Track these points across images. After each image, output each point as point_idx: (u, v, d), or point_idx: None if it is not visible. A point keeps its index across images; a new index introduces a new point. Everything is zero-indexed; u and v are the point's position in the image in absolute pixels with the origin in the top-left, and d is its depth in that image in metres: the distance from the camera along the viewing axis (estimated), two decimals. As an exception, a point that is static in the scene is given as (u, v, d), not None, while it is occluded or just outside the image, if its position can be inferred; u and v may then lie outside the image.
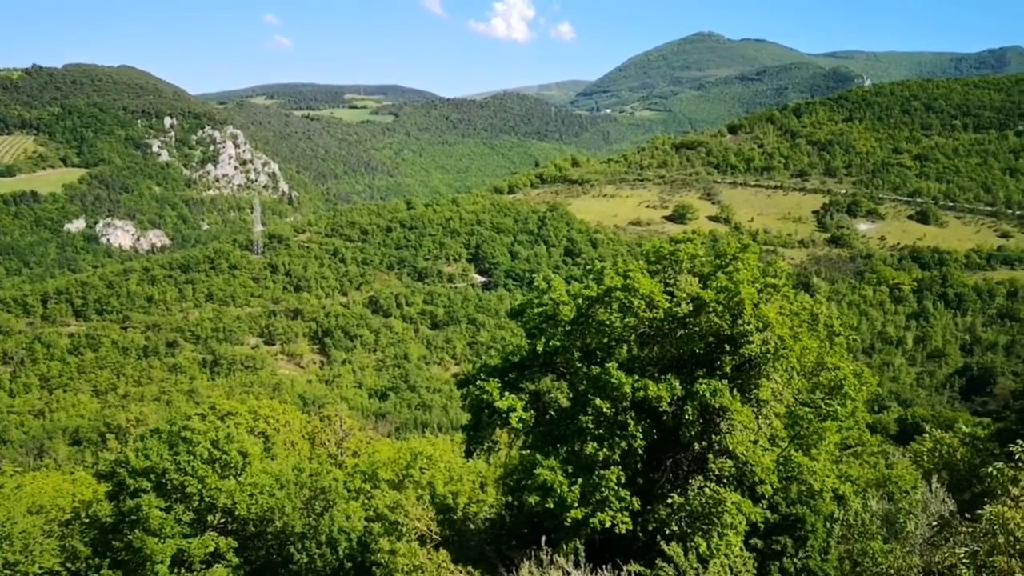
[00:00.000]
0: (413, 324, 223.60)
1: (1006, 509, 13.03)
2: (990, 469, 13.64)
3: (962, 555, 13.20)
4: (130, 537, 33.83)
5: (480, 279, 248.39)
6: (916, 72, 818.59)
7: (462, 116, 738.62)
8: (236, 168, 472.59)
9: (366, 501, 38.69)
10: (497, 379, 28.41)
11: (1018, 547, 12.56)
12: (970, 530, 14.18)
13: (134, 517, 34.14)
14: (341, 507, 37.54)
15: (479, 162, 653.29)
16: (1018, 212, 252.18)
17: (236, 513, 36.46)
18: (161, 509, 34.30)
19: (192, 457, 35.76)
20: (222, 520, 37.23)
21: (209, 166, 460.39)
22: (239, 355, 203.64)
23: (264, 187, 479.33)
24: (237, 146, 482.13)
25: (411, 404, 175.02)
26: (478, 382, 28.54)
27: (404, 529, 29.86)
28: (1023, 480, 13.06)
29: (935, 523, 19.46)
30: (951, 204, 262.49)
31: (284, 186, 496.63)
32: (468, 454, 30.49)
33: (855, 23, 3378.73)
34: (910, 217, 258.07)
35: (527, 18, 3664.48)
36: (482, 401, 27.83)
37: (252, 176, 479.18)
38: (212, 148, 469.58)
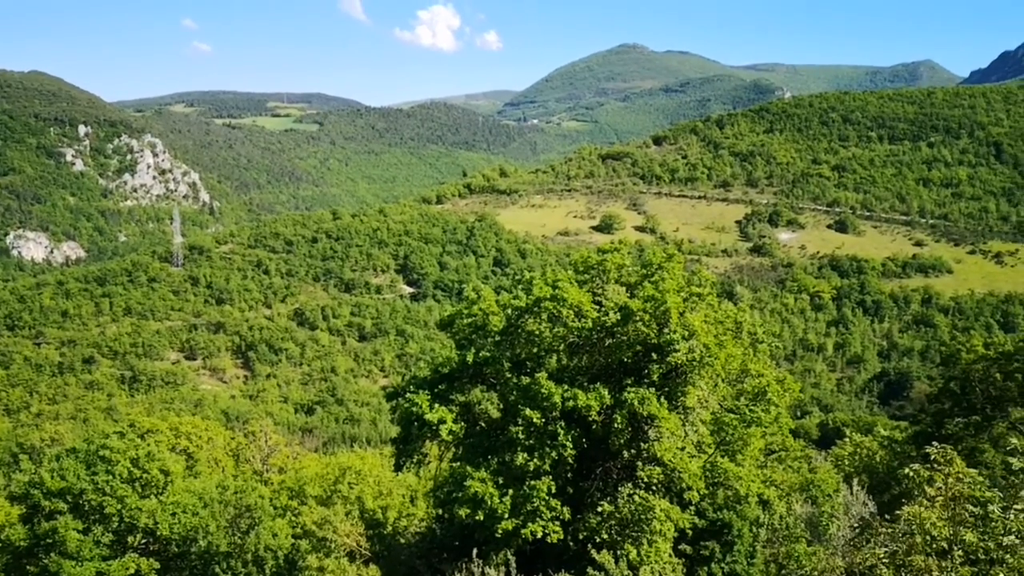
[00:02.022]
0: (340, 336, 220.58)
1: (923, 509, 13.43)
2: (907, 471, 14.05)
3: (882, 555, 13.55)
4: (46, 561, 32.48)
5: (409, 290, 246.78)
6: (834, 85, 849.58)
7: (389, 125, 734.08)
8: (155, 178, 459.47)
9: (293, 518, 37.85)
10: (427, 391, 28.17)
11: (934, 546, 12.94)
12: (889, 531, 14.57)
13: (50, 540, 32.84)
14: (267, 525, 36.61)
15: (406, 172, 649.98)
16: (931, 221, 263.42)
17: (158, 533, 35.32)
18: (79, 531, 33.06)
19: (111, 477, 34.53)
20: (143, 541, 36.02)
21: (126, 176, 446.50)
22: (159, 371, 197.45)
23: (184, 197, 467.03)
24: (156, 155, 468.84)
25: (339, 418, 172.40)
26: (407, 394, 28.28)
27: (332, 545, 29.33)
28: (938, 481, 13.47)
29: (856, 525, 20.00)
30: (868, 213, 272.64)
31: (205, 196, 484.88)
32: (398, 468, 30.16)
33: (776, 37, 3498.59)
34: (829, 226, 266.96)
35: (453, 27, 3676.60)
36: (411, 414, 27.55)
37: (171, 186, 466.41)
38: (129, 157, 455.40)
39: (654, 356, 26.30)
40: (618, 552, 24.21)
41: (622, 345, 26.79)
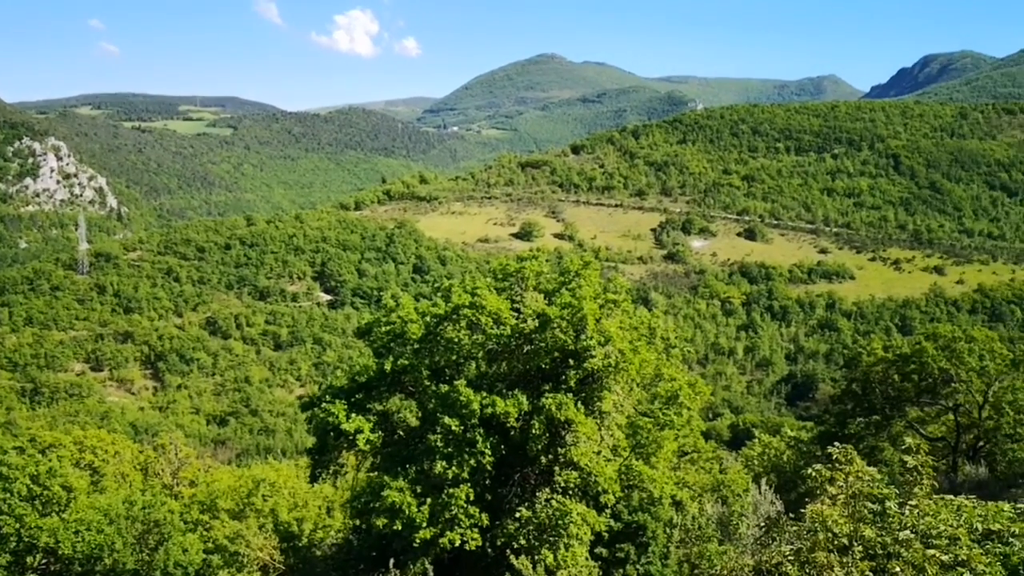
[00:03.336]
0: (255, 345, 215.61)
1: (825, 507, 13.93)
2: (810, 471, 14.61)
3: (787, 553, 14.02)
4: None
5: (326, 297, 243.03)
6: (744, 97, 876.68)
7: (306, 130, 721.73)
8: (58, 182, 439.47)
9: (204, 533, 36.78)
10: (343, 400, 27.81)
11: (836, 542, 13.47)
12: (795, 528, 15.08)
13: (-61, 565, 31.00)
14: (177, 540, 35.47)
15: (324, 177, 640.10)
16: (835, 229, 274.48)
17: (60, 553, 33.75)
18: (-28, 554, 31.30)
19: (8, 494, 32.89)
20: (44, 561, 34.39)
21: (28, 180, 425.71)
22: (63, 382, 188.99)
23: (90, 203, 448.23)
24: (60, 159, 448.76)
25: (253, 429, 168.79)
26: (323, 404, 27.85)
27: (245, 560, 28.66)
28: (839, 480, 14.04)
29: (763, 523, 20.65)
30: (776, 222, 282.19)
31: (112, 201, 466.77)
32: (313, 479, 29.68)
33: (689, 50, 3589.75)
34: (739, 234, 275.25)
35: (371, 33, 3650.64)
36: (327, 424, 27.16)
37: (77, 191, 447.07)
38: (31, 161, 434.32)
39: (571, 362, 26.61)
40: (535, 557, 24.39)
41: (540, 352, 27.03)
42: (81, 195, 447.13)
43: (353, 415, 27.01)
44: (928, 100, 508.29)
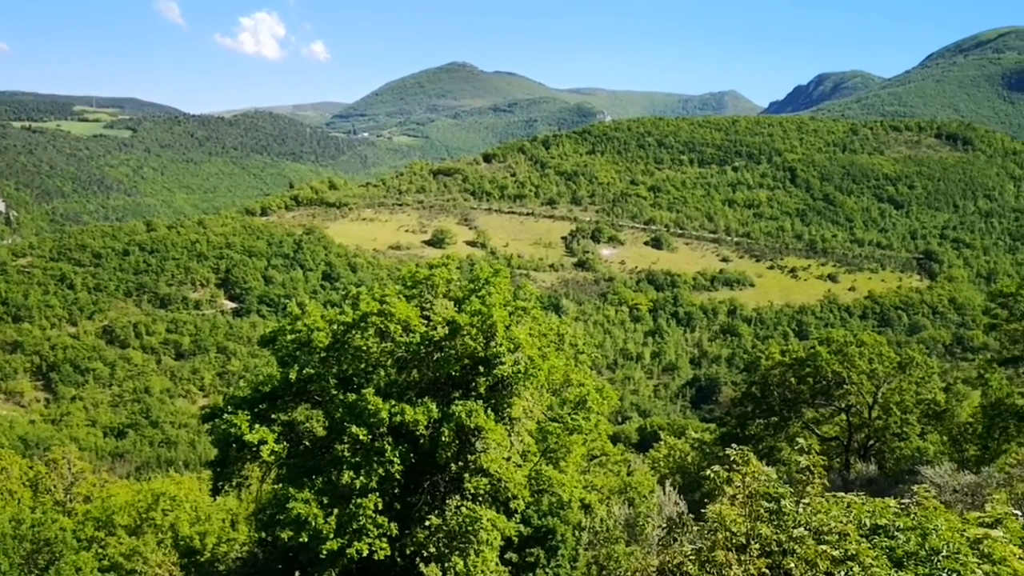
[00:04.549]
0: (155, 355, 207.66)
1: (724, 507, 14.38)
2: (709, 472, 15.09)
3: (689, 552, 14.42)
4: None
5: (231, 305, 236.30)
6: (650, 110, 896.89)
7: (209, 133, 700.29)
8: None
9: (99, 550, 35.27)
10: (246, 411, 27.16)
11: (734, 541, 13.93)
12: (697, 528, 15.49)
13: None
14: (69, 559, 33.90)
15: (228, 182, 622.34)
16: (736, 239, 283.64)
17: (-63, 578, 31.81)
18: None
19: None
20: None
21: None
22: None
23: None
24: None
25: (154, 441, 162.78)
26: (225, 415, 27.14)
27: (143, 578, 27.59)
28: (737, 480, 14.51)
29: (666, 524, 21.18)
30: (680, 231, 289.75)
31: (0, 205, 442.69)
32: (215, 492, 28.89)
33: (597, 62, 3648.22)
34: (646, 243, 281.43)
35: (277, 35, 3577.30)
36: (230, 435, 26.49)
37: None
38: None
39: (481, 369, 26.72)
40: (446, 564, 24.36)
41: (450, 359, 27.03)
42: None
43: (257, 426, 26.44)
44: (822, 116, 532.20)
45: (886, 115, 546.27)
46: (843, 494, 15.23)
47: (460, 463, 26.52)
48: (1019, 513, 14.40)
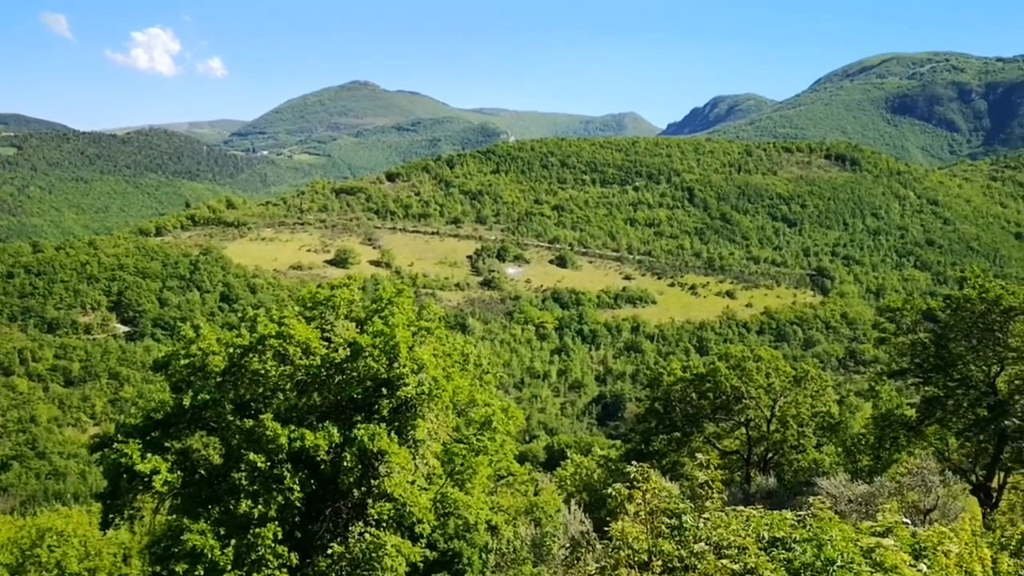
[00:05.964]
0: (42, 382, 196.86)
1: (627, 524, 14.45)
2: (610, 490, 15.16)
3: (593, 571, 14.41)
4: None
5: (123, 329, 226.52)
6: (552, 131, 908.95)
7: (101, 151, 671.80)
8: None
9: (-26, 595, 32.96)
10: (138, 439, 25.91)
11: (637, 558, 14.00)
12: (602, 546, 15.51)
13: None
14: (-61, 607, 31.57)
15: (121, 201, 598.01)
16: (638, 257, 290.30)
17: None
18: None
19: None
20: None
21: None
22: None
23: None
24: None
25: (40, 473, 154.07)
26: (115, 444, 25.83)
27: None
28: (638, 498, 14.61)
29: (571, 544, 21.23)
30: (584, 250, 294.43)
31: None
32: (104, 525, 27.47)
33: (500, 83, 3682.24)
34: (551, 261, 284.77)
35: (172, 51, 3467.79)
36: (120, 465, 25.20)
37: None
38: None
39: (384, 391, 26.28)
40: (349, 594, 23.75)
41: (352, 381, 26.50)
42: None
43: (149, 455, 25.24)
44: (718, 138, 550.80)
45: (778, 136, 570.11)
46: (743, 507, 15.50)
47: (363, 488, 25.97)
48: (908, 521, 15.01)
